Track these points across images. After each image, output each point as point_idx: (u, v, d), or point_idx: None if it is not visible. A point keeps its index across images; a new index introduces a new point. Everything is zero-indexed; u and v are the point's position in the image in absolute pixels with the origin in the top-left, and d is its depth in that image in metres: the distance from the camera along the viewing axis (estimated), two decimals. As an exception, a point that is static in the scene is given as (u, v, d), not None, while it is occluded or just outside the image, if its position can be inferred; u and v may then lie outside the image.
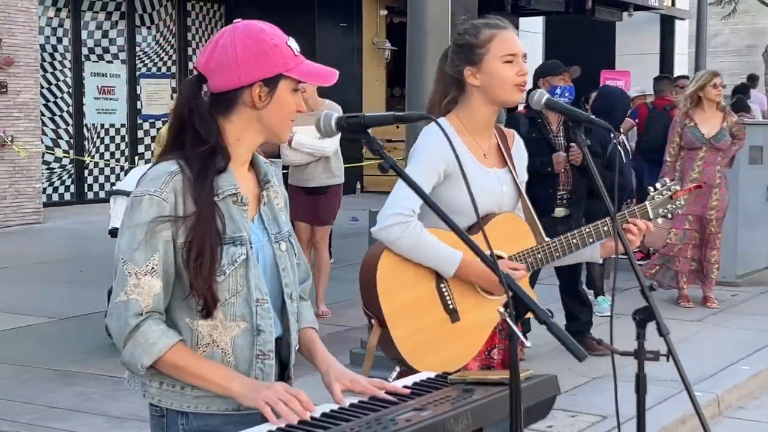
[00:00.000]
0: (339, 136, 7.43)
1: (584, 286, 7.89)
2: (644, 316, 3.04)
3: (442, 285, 3.33)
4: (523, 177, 3.60)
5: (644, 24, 24.69)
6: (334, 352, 2.77)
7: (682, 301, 9.20)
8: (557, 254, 3.45)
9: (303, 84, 2.62)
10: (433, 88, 3.62)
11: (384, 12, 18.52)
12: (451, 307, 3.33)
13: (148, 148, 17.30)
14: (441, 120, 3.34)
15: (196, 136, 2.53)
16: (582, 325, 7.22)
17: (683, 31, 26.86)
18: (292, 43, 2.58)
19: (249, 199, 2.61)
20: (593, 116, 3.36)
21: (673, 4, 25.25)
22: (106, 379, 6.66)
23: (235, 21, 2.61)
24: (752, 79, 19.63)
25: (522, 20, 21.37)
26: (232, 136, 2.57)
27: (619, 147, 8.90)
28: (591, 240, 3.48)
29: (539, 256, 3.43)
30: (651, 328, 2.98)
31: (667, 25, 25.62)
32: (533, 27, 22.42)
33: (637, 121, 11.68)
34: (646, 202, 3.59)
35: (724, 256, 9.58)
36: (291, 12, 16.28)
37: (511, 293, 2.30)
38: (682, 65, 25.75)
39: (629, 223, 3.48)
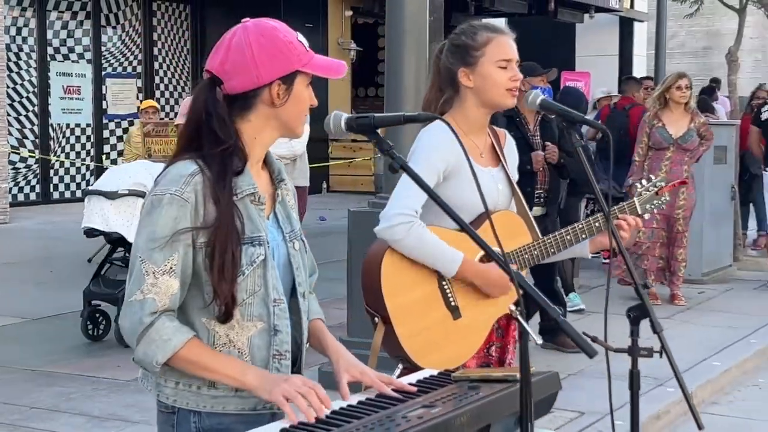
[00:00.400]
0: (307, 137, 7.47)
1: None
2: (638, 314, 3.08)
3: (444, 283, 3.38)
4: (514, 176, 3.66)
5: (604, 26, 24.86)
6: (310, 351, 2.80)
7: (650, 298, 9.32)
8: (552, 250, 3.52)
9: None
10: (428, 85, 3.65)
11: (349, 12, 18.58)
12: (453, 304, 3.38)
13: (114, 147, 17.23)
14: (438, 123, 3.38)
15: (214, 138, 2.52)
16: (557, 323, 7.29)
17: (642, 33, 27.09)
18: (302, 39, 2.60)
19: (266, 198, 2.62)
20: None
21: (632, 6, 25.46)
22: (85, 379, 6.67)
23: (243, 20, 2.61)
24: (716, 82, 19.94)
25: (484, 21, 21.42)
26: (249, 136, 2.57)
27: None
28: (584, 236, 3.54)
29: (535, 252, 3.50)
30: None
31: (626, 26, 25.82)
32: (496, 28, 22.50)
33: (600, 121, 11.83)
34: (635, 198, 3.67)
35: (690, 254, 9.73)
36: (256, 12, 15.93)
37: (522, 291, 2.34)
38: (640, 66, 25.98)
39: (619, 219, 3.54)
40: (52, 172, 16.68)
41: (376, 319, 3.34)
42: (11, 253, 11.90)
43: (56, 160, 16.51)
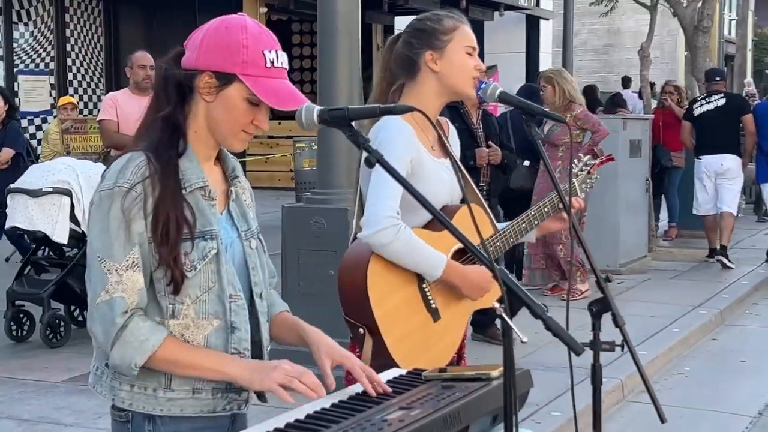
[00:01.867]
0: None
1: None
2: (600, 308, 3.08)
3: (424, 285, 3.29)
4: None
5: (511, 23, 25.06)
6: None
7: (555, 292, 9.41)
8: (512, 240, 3.49)
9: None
10: (377, 78, 3.53)
11: (264, 9, 18.38)
12: (433, 306, 3.30)
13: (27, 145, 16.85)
14: (395, 117, 3.27)
15: (162, 124, 2.48)
16: (488, 319, 7.35)
17: (547, 31, 27.44)
18: (271, 55, 2.46)
19: (217, 193, 2.54)
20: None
21: (537, 4, 25.75)
22: (11, 382, 6.52)
23: (239, 14, 2.55)
24: (628, 81, 20.48)
25: (397, 19, 21.48)
26: (191, 129, 2.50)
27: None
28: (537, 222, 3.52)
29: (498, 243, 3.44)
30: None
31: (532, 24, 26.13)
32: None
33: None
34: (574, 180, 3.67)
35: (608, 245, 9.86)
36: (171, 8, 16.01)
37: (505, 288, 2.28)
38: (546, 63, 26.26)
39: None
40: (-38, 169, 16.23)
41: (361, 330, 3.21)
42: None
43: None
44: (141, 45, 11.00)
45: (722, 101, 11.59)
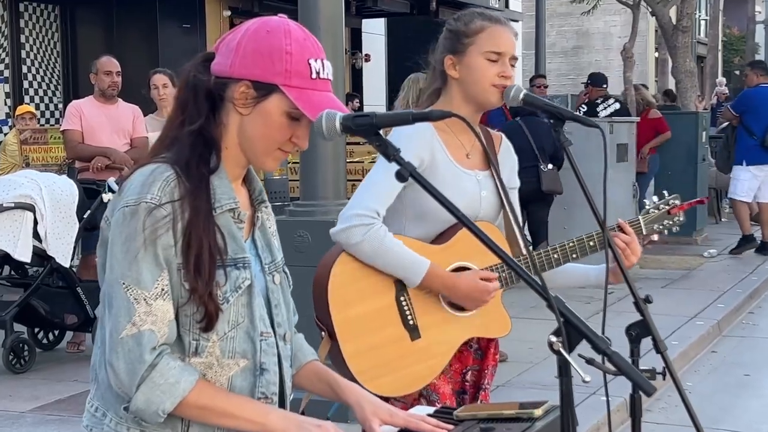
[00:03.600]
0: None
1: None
2: (639, 331, 2.80)
3: (402, 298, 3.03)
4: (513, 183, 3.32)
5: (479, 25, 24.99)
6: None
7: None
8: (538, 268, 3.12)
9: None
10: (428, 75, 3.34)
11: (228, 13, 18.07)
12: (411, 323, 3.03)
13: (-17, 156, 16.39)
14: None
15: (193, 139, 2.18)
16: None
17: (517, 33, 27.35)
18: (316, 64, 2.18)
19: (246, 217, 2.27)
20: None
21: (506, 6, 25.64)
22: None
23: (279, 15, 2.26)
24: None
25: (365, 22, 21.24)
26: (222, 143, 2.23)
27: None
28: (575, 256, 3.19)
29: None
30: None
31: (502, 26, 26.07)
32: (376, 28, 22.35)
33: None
34: (639, 216, 3.29)
35: (598, 253, 9.52)
36: (132, 12, 15.63)
37: (562, 319, 2.01)
38: (516, 65, 26.16)
39: (620, 239, 3.21)
40: None
41: (323, 333, 3.01)
42: None
43: None
44: (100, 50, 10.59)
45: (617, 105, 12.13)
